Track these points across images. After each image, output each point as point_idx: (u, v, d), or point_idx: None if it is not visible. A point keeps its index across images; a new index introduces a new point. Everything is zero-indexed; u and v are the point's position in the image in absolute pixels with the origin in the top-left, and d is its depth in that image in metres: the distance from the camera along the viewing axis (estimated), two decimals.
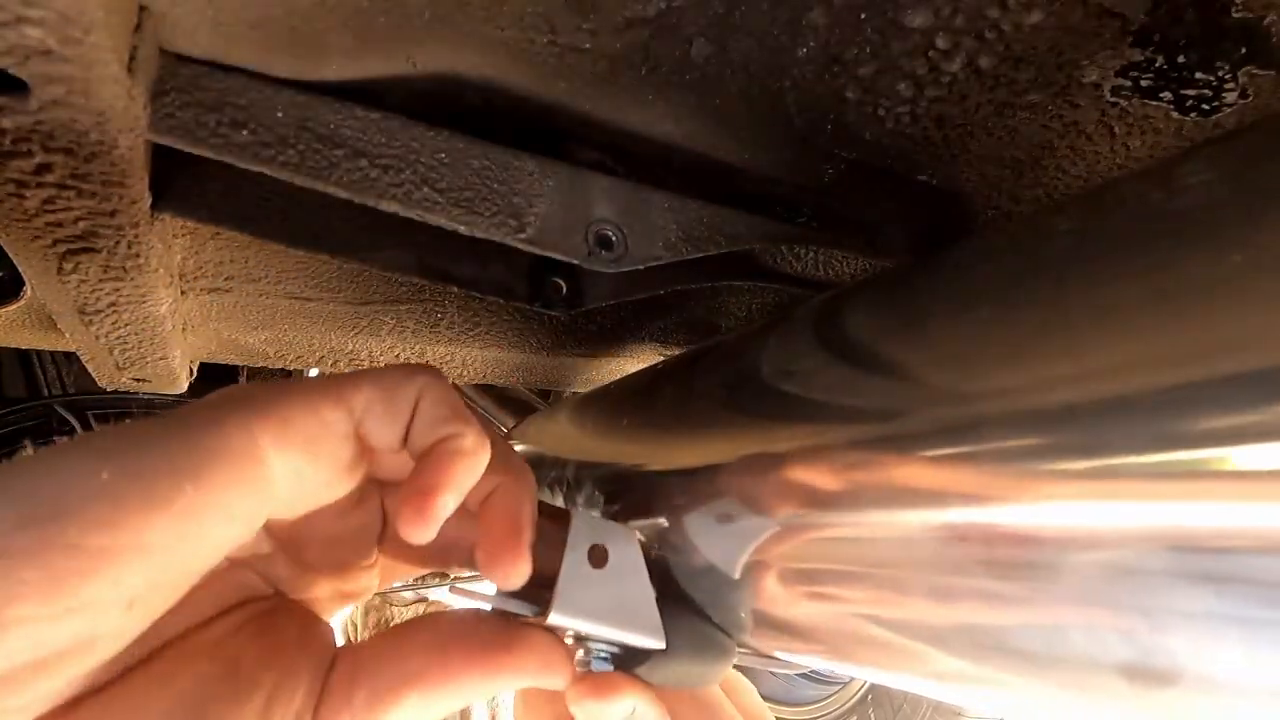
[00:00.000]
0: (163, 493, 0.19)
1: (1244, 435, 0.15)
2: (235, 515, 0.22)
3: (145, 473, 0.19)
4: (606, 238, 0.36)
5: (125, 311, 0.42)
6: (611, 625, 0.28)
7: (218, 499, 0.21)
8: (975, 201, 0.40)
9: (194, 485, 0.20)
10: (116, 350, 0.47)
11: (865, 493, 0.24)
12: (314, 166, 0.31)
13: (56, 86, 0.23)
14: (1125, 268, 0.19)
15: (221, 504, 0.21)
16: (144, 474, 0.19)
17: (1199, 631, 0.16)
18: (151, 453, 0.20)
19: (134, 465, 0.19)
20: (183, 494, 0.20)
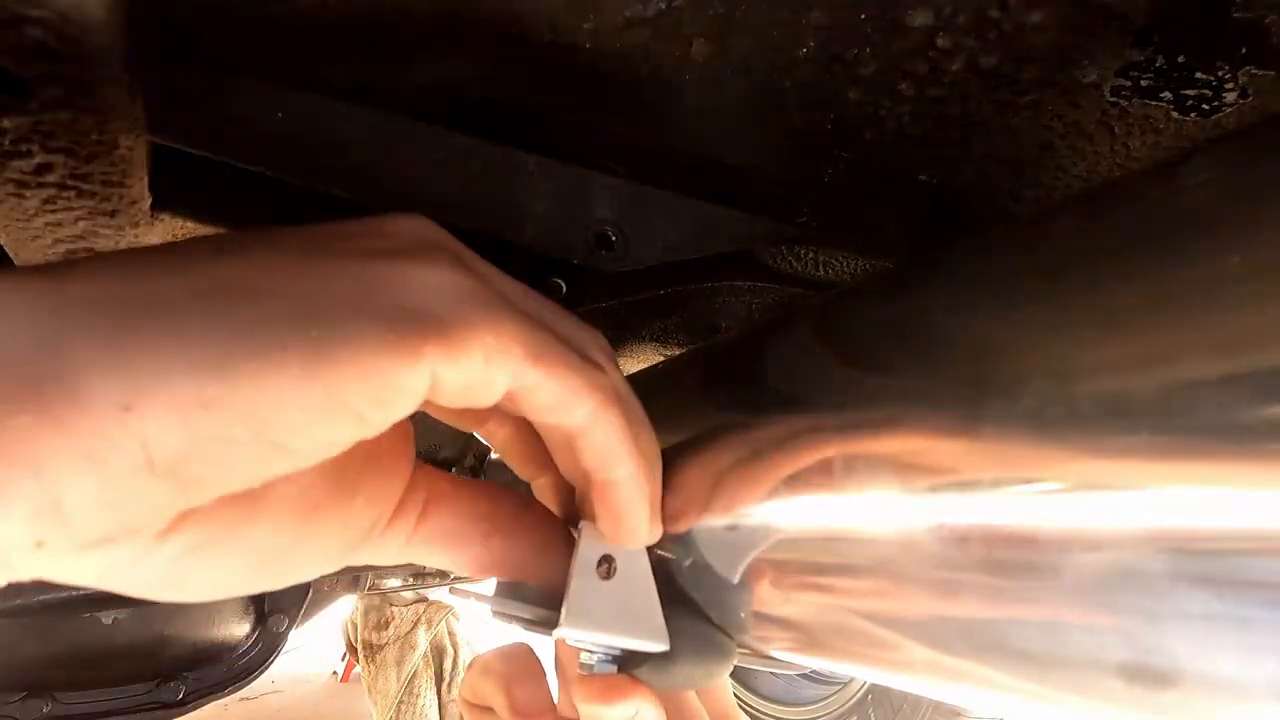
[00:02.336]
0: (358, 412, 0.20)
1: (1243, 435, 0.15)
2: (395, 420, 0.22)
3: (350, 395, 0.20)
4: (606, 238, 0.36)
5: None
6: (617, 633, 0.28)
7: (391, 418, 0.22)
8: (975, 201, 0.40)
9: (381, 409, 0.21)
10: None
11: (865, 491, 0.24)
12: (314, 166, 0.31)
13: (56, 86, 0.23)
14: (1125, 267, 0.19)
15: (393, 419, 0.22)
16: (348, 396, 0.20)
17: (1199, 632, 0.16)
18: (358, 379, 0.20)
19: (342, 387, 0.20)
20: (368, 417, 0.21)
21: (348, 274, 0.21)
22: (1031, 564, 0.19)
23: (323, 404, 0.19)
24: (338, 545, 0.25)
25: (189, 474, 0.19)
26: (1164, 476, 0.17)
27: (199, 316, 0.19)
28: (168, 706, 1.00)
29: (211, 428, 0.18)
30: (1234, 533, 0.16)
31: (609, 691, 0.28)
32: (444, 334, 0.21)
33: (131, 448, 0.18)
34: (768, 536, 0.29)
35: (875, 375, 0.26)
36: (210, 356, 0.18)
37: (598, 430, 0.25)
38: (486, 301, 0.23)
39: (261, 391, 0.19)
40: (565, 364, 0.24)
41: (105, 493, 0.18)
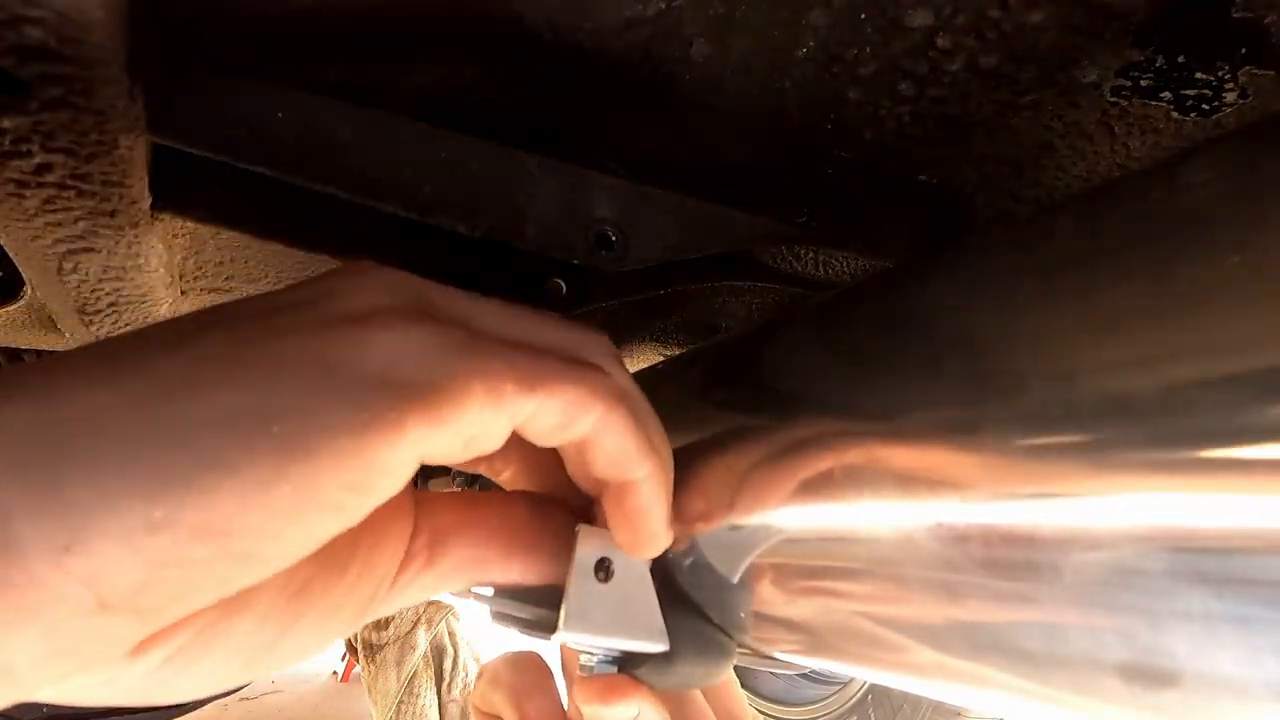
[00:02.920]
0: (334, 504, 0.19)
1: (1242, 435, 0.15)
2: (378, 503, 0.21)
3: (321, 488, 0.18)
4: (606, 238, 0.36)
5: (125, 311, 0.42)
6: (617, 636, 0.28)
7: (374, 502, 0.20)
8: (975, 201, 0.40)
9: (361, 496, 0.19)
10: None
11: (865, 492, 0.24)
12: (314, 166, 0.31)
13: (56, 86, 0.23)
14: (1125, 267, 0.19)
15: (375, 503, 0.20)
16: (319, 489, 0.18)
17: (1198, 632, 0.16)
18: (328, 468, 0.18)
19: (311, 480, 0.18)
20: (347, 507, 0.19)
21: (306, 351, 0.19)
22: (1031, 564, 0.19)
23: (293, 504, 0.18)
24: (337, 622, 0.23)
25: (147, 604, 0.17)
26: (1164, 476, 0.17)
27: (141, 428, 0.17)
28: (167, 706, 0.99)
29: (165, 553, 0.16)
30: (1234, 532, 0.16)
31: (608, 691, 0.28)
32: (427, 399, 0.19)
33: (75, 592, 0.16)
34: (768, 536, 0.29)
35: (875, 375, 0.26)
36: (155, 475, 0.17)
37: (607, 436, 0.24)
38: (464, 347, 0.21)
39: (218, 504, 0.17)
40: (561, 378, 0.22)
41: (53, 643, 0.16)
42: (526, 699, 0.30)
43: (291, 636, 0.22)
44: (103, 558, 0.16)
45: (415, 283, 0.23)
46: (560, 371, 0.23)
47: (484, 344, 0.22)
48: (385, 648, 2.23)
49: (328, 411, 0.18)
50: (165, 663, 0.19)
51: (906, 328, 0.26)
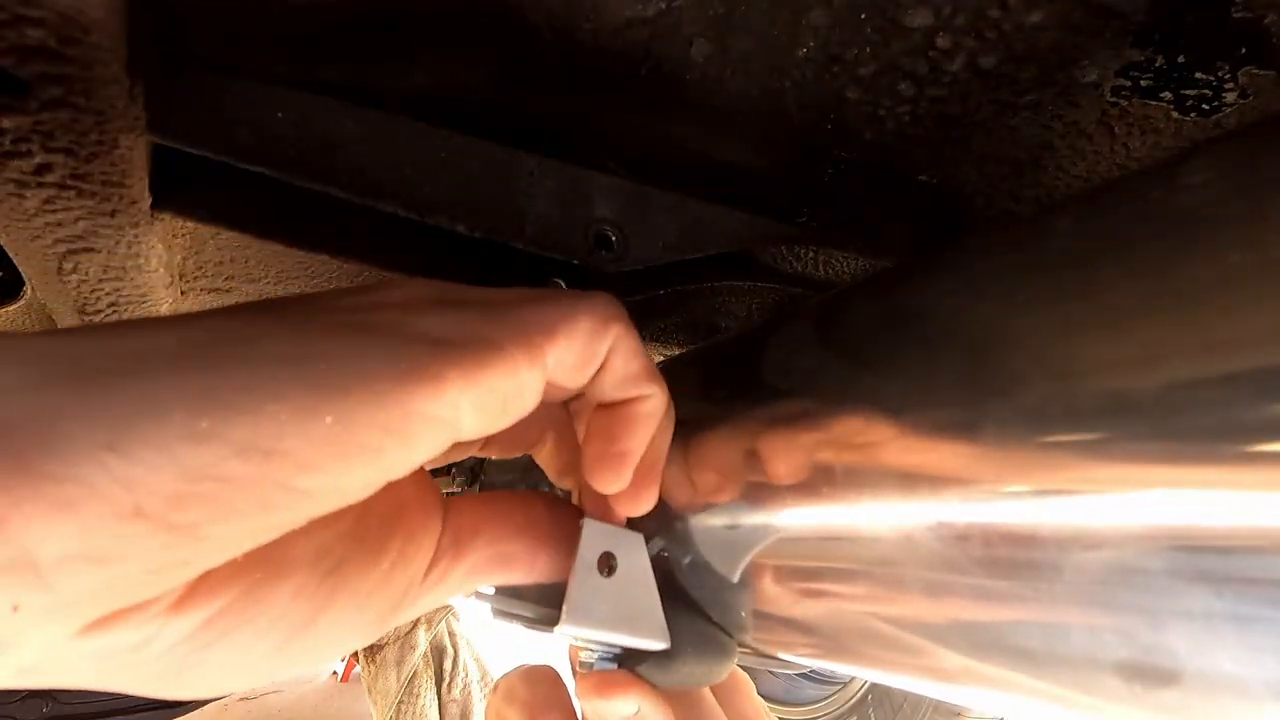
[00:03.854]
0: (374, 446, 0.19)
1: (1242, 434, 0.15)
2: (419, 460, 0.21)
3: (360, 425, 0.19)
4: (606, 238, 0.36)
5: (125, 311, 0.42)
6: (618, 631, 0.28)
7: (415, 456, 0.20)
8: (975, 201, 0.40)
9: (401, 444, 0.20)
10: None
11: (865, 491, 0.24)
12: (314, 166, 0.31)
13: (56, 86, 0.23)
14: (1125, 266, 0.19)
15: (416, 459, 0.21)
16: (358, 426, 0.19)
17: (1199, 631, 0.16)
18: (367, 405, 0.19)
19: (350, 415, 0.19)
20: (387, 452, 0.19)
21: (350, 323, 0.21)
22: (1031, 563, 0.19)
23: (331, 435, 0.18)
24: (368, 613, 0.24)
25: (183, 520, 0.17)
26: (1164, 474, 0.17)
27: (189, 359, 0.18)
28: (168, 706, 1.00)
29: (206, 464, 0.17)
30: (1234, 531, 0.16)
31: (606, 686, 0.28)
32: (465, 358, 0.20)
33: (114, 492, 0.16)
34: (767, 535, 0.29)
35: (875, 374, 0.26)
36: (202, 392, 0.17)
37: (619, 353, 0.25)
38: (489, 315, 0.23)
39: (261, 423, 0.17)
40: (574, 316, 0.24)
41: (86, 543, 0.16)
42: (541, 714, 0.29)
43: (325, 620, 0.22)
44: (144, 463, 0.16)
45: (432, 283, 0.25)
46: (573, 307, 0.24)
47: (505, 309, 0.23)
48: (385, 648, 2.23)
49: (368, 359, 0.19)
50: (201, 628, 0.19)
51: (907, 326, 0.26)
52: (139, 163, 0.29)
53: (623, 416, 0.27)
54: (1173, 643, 0.17)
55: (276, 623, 0.21)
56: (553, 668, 0.32)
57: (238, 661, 0.21)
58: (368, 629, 0.24)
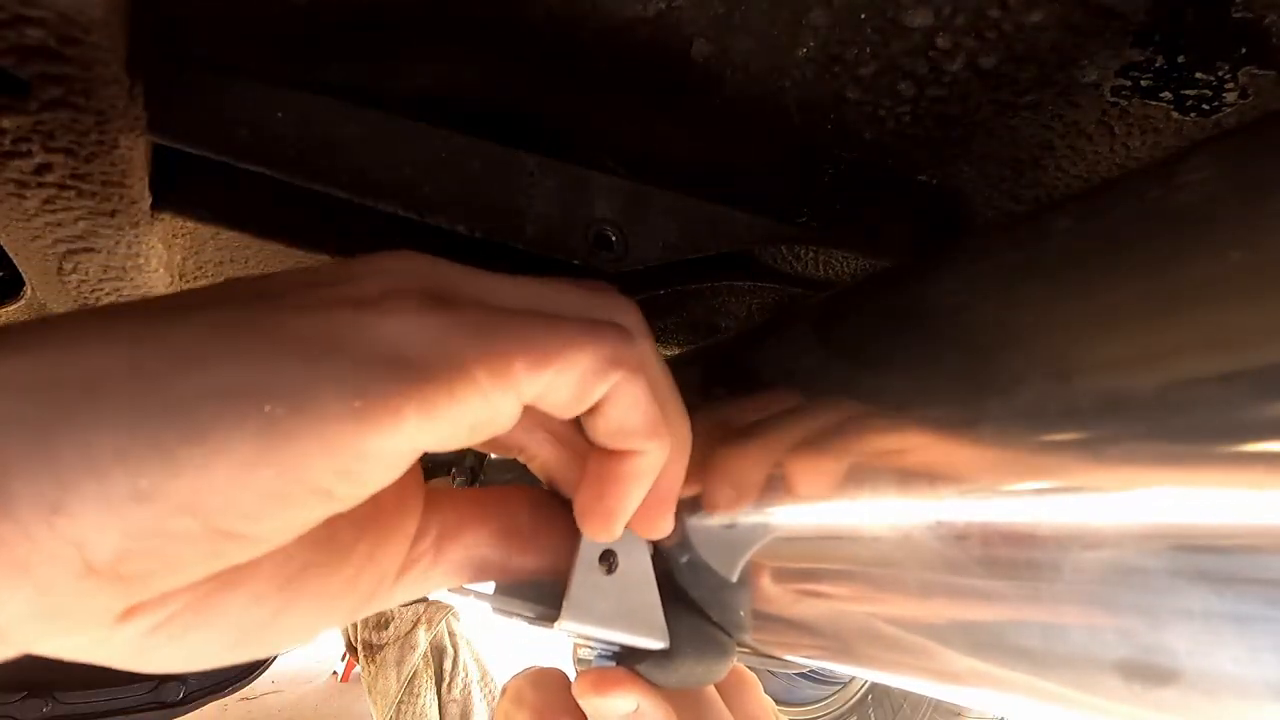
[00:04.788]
0: (323, 489, 0.19)
1: (1242, 433, 0.15)
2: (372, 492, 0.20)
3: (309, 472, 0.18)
4: (606, 238, 0.36)
5: None
6: (618, 629, 0.28)
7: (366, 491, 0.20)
8: (975, 201, 0.40)
9: (351, 483, 0.19)
10: None
11: (863, 490, 0.24)
12: (314, 166, 0.31)
13: (56, 86, 0.23)
14: (1123, 264, 0.19)
15: (368, 492, 0.20)
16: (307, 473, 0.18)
17: (1199, 630, 0.16)
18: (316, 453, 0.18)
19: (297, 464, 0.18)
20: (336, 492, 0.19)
21: (307, 328, 0.19)
22: (1030, 562, 0.19)
23: (277, 487, 0.17)
24: (335, 611, 0.23)
25: (131, 571, 0.17)
26: (1163, 473, 0.17)
27: (135, 395, 0.17)
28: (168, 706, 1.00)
29: (150, 522, 0.16)
30: (1234, 529, 0.16)
31: (604, 683, 0.28)
32: (425, 387, 0.19)
33: (66, 553, 0.16)
34: (766, 534, 0.29)
35: (874, 374, 0.26)
36: (142, 444, 0.16)
37: (616, 403, 0.23)
38: (472, 330, 0.20)
39: (205, 478, 0.17)
40: (576, 347, 0.21)
41: (42, 603, 0.16)
42: (550, 718, 0.29)
43: (285, 620, 0.22)
44: (88, 522, 0.16)
45: (429, 264, 0.23)
46: (574, 339, 0.21)
47: (493, 321, 0.21)
48: (385, 648, 2.23)
49: (323, 395, 0.18)
50: (153, 630, 0.19)
51: (906, 326, 0.26)
52: (139, 163, 0.29)
53: (613, 470, 0.24)
54: (1172, 642, 0.17)
55: (234, 625, 0.21)
56: (561, 670, 0.32)
57: (192, 654, 0.21)
58: (333, 622, 0.24)
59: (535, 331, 0.21)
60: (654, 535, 0.28)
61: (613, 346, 0.22)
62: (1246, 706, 0.16)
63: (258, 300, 0.20)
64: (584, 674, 0.29)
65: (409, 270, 0.22)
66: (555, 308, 0.23)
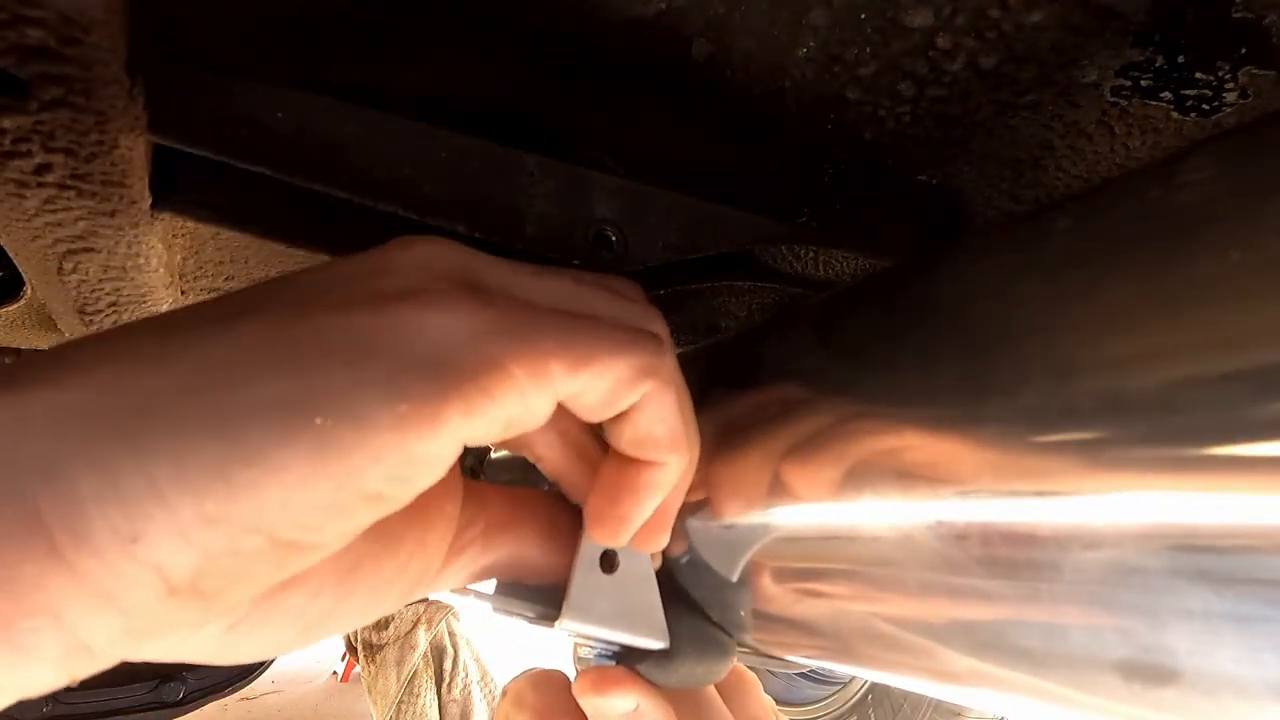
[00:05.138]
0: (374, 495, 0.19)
1: (1242, 432, 0.15)
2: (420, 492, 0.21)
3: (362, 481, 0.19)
4: (606, 238, 0.36)
5: (125, 311, 0.42)
6: (618, 629, 0.28)
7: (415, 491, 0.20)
8: (975, 201, 0.40)
9: (401, 486, 0.20)
10: None
11: (864, 490, 0.24)
12: (314, 166, 0.31)
13: (56, 86, 0.23)
14: (1123, 264, 0.19)
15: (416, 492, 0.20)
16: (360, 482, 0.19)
17: (1199, 630, 0.16)
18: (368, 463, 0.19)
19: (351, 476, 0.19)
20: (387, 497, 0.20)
21: (350, 332, 0.19)
22: (1031, 562, 0.19)
23: (334, 498, 0.18)
24: (388, 597, 0.24)
25: (209, 587, 0.18)
26: (1164, 473, 0.17)
27: (189, 416, 0.17)
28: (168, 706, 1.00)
29: (220, 543, 0.17)
30: (1234, 530, 0.16)
31: (604, 683, 0.29)
32: (466, 387, 0.19)
33: (148, 578, 0.17)
34: (766, 534, 0.29)
35: (874, 374, 0.26)
36: (203, 470, 0.17)
37: (647, 412, 0.23)
38: (511, 328, 0.20)
39: (264, 498, 0.17)
40: (612, 354, 0.22)
41: (130, 624, 0.17)
42: (551, 716, 0.30)
43: (345, 608, 0.23)
44: (164, 548, 0.17)
45: (464, 255, 0.23)
46: (611, 346, 0.22)
47: (532, 319, 0.21)
48: (385, 648, 2.23)
49: (370, 402, 0.18)
50: (228, 631, 0.20)
51: (906, 326, 0.26)
52: (139, 163, 0.29)
53: (631, 478, 0.25)
54: (1172, 642, 0.17)
55: (296, 620, 0.22)
56: (562, 672, 0.32)
57: (266, 647, 0.22)
58: (388, 607, 0.24)
59: (574, 333, 0.21)
60: (652, 549, 0.28)
61: (648, 356, 0.22)
62: (1246, 706, 0.16)
63: (300, 302, 0.20)
64: (584, 673, 0.29)
65: (447, 259, 0.22)
66: (591, 309, 0.24)
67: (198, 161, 0.30)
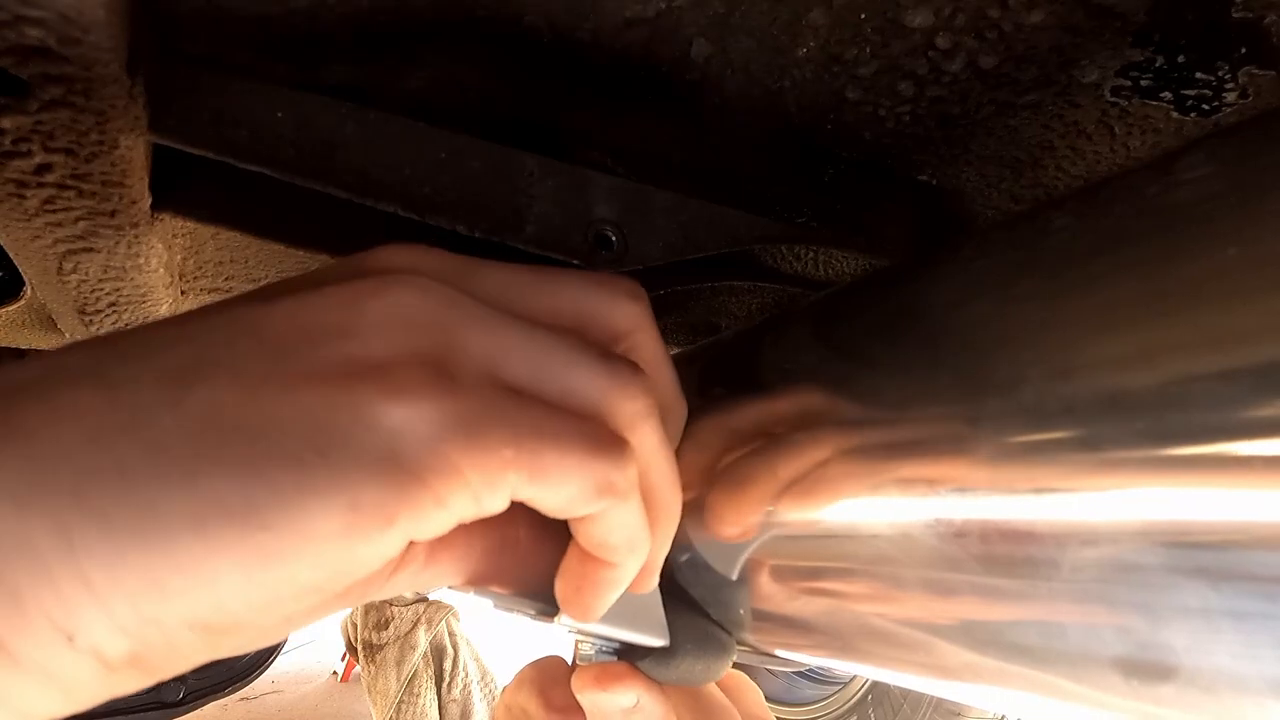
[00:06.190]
0: (314, 589, 0.19)
1: (1240, 430, 0.15)
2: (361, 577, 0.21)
3: (301, 584, 0.19)
4: (606, 238, 0.36)
5: (125, 311, 0.42)
6: (619, 626, 0.29)
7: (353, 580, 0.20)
8: (975, 201, 0.40)
9: (341, 582, 0.20)
10: None
11: (863, 488, 0.24)
12: (314, 166, 0.31)
13: (56, 86, 0.23)
14: (1122, 262, 0.19)
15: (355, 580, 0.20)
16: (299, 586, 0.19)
17: (1197, 626, 0.16)
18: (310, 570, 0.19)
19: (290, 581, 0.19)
20: (326, 593, 0.20)
21: (304, 421, 0.18)
22: (1029, 559, 0.19)
23: (271, 599, 0.18)
24: (332, 605, 0.22)
25: (149, 664, 0.19)
26: (1162, 470, 0.17)
27: (125, 516, 0.17)
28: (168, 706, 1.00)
29: (157, 636, 0.18)
30: (1232, 526, 0.16)
31: (605, 678, 0.29)
32: (418, 494, 0.18)
33: (86, 663, 0.17)
34: (765, 533, 0.29)
35: (872, 372, 0.26)
36: (137, 575, 0.17)
37: (598, 526, 0.22)
38: (472, 424, 0.19)
39: (199, 602, 0.18)
40: (568, 468, 0.20)
41: (71, 700, 0.18)
42: (551, 688, 0.31)
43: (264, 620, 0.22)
44: (102, 639, 0.17)
45: (442, 307, 0.21)
46: (569, 461, 0.21)
47: (496, 416, 0.20)
48: (385, 648, 2.23)
49: (315, 512, 0.18)
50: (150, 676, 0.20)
51: (905, 324, 0.26)
52: (139, 163, 0.29)
53: (591, 572, 0.24)
54: (1171, 638, 0.17)
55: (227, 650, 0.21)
56: (560, 656, 0.33)
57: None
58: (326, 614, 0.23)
59: (538, 439, 0.20)
60: (644, 589, 0.27)
61: (608, 472, 0.21)
62: (1245, 702, 0.16)
63: (261, 368, 0.19)
64: (585, 669, 0.29)
65: (424, 314, 0.21)
66: (564, 387, 0.22)
67: (198, 161, 0.30)
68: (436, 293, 0.21)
